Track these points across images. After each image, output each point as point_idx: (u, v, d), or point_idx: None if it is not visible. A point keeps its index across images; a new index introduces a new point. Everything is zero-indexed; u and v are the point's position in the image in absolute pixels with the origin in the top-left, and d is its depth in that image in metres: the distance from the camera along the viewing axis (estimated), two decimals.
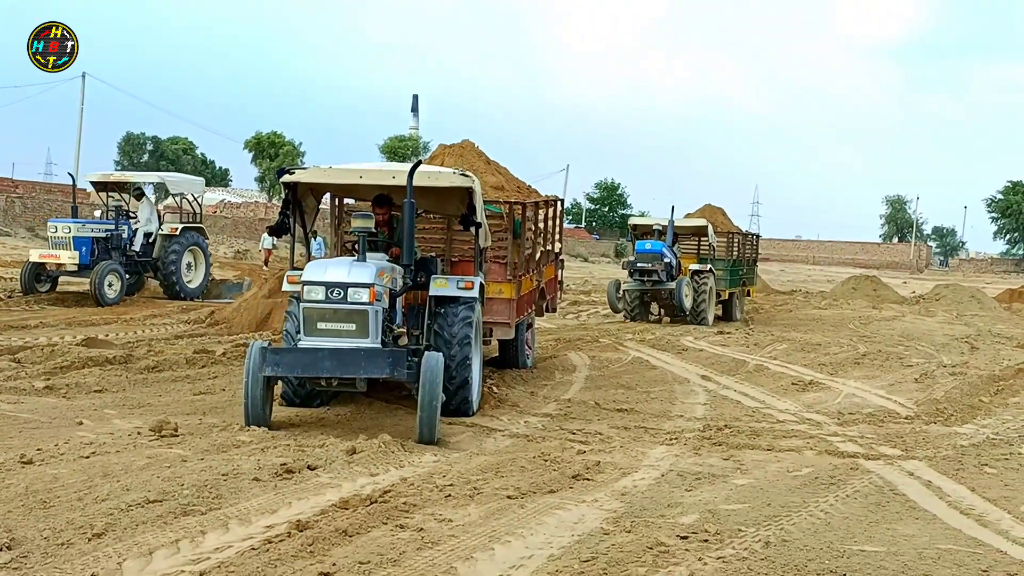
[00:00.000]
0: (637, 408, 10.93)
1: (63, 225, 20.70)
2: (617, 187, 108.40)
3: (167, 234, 22.03)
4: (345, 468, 7.17)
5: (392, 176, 9.71)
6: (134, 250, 21.57)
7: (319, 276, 8.58)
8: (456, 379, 9.66)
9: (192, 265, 22.64)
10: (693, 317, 22.20)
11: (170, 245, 21.91)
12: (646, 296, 22.83)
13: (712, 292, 22.95)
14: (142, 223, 21.93)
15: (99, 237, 20.82)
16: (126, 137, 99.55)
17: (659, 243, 22.33)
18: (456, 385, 9.65)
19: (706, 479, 7.43)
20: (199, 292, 22.57)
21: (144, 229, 21.87)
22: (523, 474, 7.30)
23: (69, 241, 20.25)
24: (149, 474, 6.64)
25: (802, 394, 12.39)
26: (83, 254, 20.22)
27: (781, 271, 69.96)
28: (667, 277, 22.08)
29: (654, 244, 22.30)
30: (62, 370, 10.96)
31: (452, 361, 9.58)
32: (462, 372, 9.70)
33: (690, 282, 22.21)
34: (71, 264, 20.09)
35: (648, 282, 22.15)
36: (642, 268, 22.02)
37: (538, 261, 13.44)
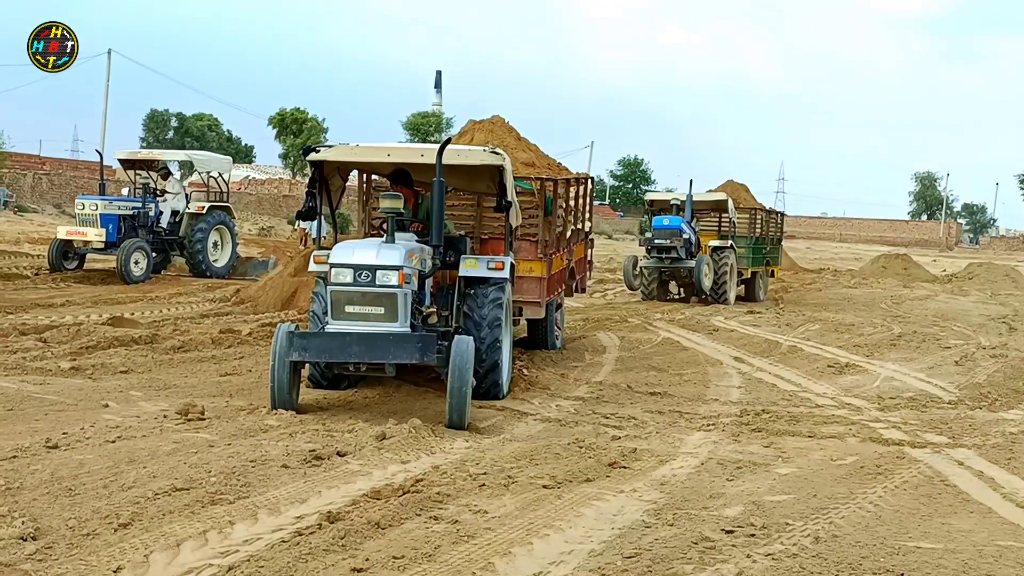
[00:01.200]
0: (670, 391, 10.70)
1: (90, 202, 20.57)
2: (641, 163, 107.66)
3: (194, 213, 21.90)
4: (375, 455, 6.98)
5: (421, 154, 9.49)
6: (161, 227, 21.45)
7: (347, 258, 8.36)
8: (486, 362, 9.44)
9: (219, 244, 22.48)
10: (713, 296, 21.64)
11: (196, 224, 21.77)
12: (664, 274, 22.19)
13: (733, 270, 22.41)
14: (169, 201, 21.81)
15: (126, 215, 20.70)
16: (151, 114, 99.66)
17: (677, 218, 21.67)
18: (486, 368, 9.44)
19: (747, 468, 7.19)
20: (225, 271, 22.41)
21: (171, 207, 21.76)
22: (558, 462, 7.08)
23: (96, 218, 20.13)
24: (176, 460, 6.47)
25: (839, 377, 12.11)
26: (110, 231, 20.09)
27: (807, 248, 69.31)
28: (686, 254, 21.44)
29: (672, 220, 21.63)
30: (88, 350, 10.83)
31: (482, 344, 9.36)
32: (492, 355, 9.49)
33: (710, 260, 21.59)
34: (98, 241, 19.94)
35: (666, 259, 21.54)
36: (660, 245, 21.33)
37: (568, 240, 13.19)
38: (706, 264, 21.34)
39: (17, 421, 7.55)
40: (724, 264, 21.92)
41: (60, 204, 40.64)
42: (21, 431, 7.16)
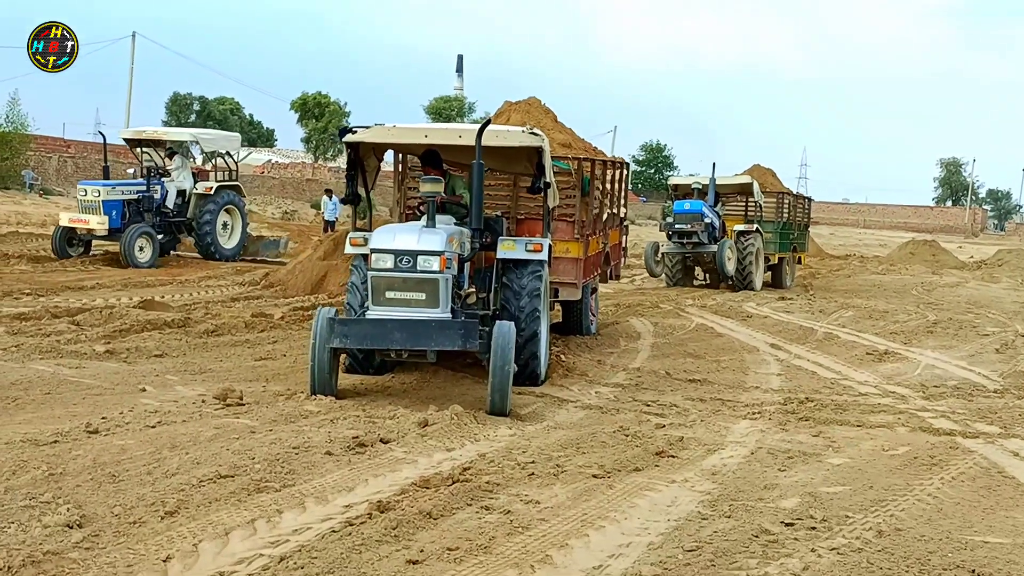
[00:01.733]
0: (709, 378, 10.53)
1: (92, 188, 19.92)
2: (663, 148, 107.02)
3: (201, 193, 21.23)
4: (419, 442, 6.85)
5: (459, 135, 9.33)
6: (168, 208, 20.75)
7: (387, 243, 8.23)
8: (525, 346, 9.29)
9: (228, 225, 21.85)
10: (738, 282, 21.22)
11: (205, 204, 21.07)
12: (688, 260, 21.77)
13: (759, 255, 21.97)
14: (176, 182, 21.13)
15: (130, 199, 20.01)
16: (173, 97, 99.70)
17: (698, 202, 21.14)
18: (525, 351, 9.29)
19: (798, 458, 7.02)
20: (235, 253, 21.76)
21: (177, 187, 21.08)
22: (605, 450, 6.94)
23: (98, 205, 19.47)
24: (218, 446, 6.36)
25: (879, 364, 11.90)
26: (113, 218, 19.48)
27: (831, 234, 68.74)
28: (708, 239, 20.91)
29: (693, 203, 21.10)
30: (121, 333, 10.75)
31: (521, 327, 9.22)
32: (531, 338, 9.34)
33: (733, 244, 21.10)
34: (101, 229, 19.38)
35: (687, 244, 21.10)
36: (680, 230, 20.85)
37: (605, 223, 13.02)
38: (729, 248, 20.86)
39: (55, 405, 7.47)
40: (749, 248, 21.46)
41: None
42: (60, 415, 7.08)
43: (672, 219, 21.23)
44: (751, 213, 23.31)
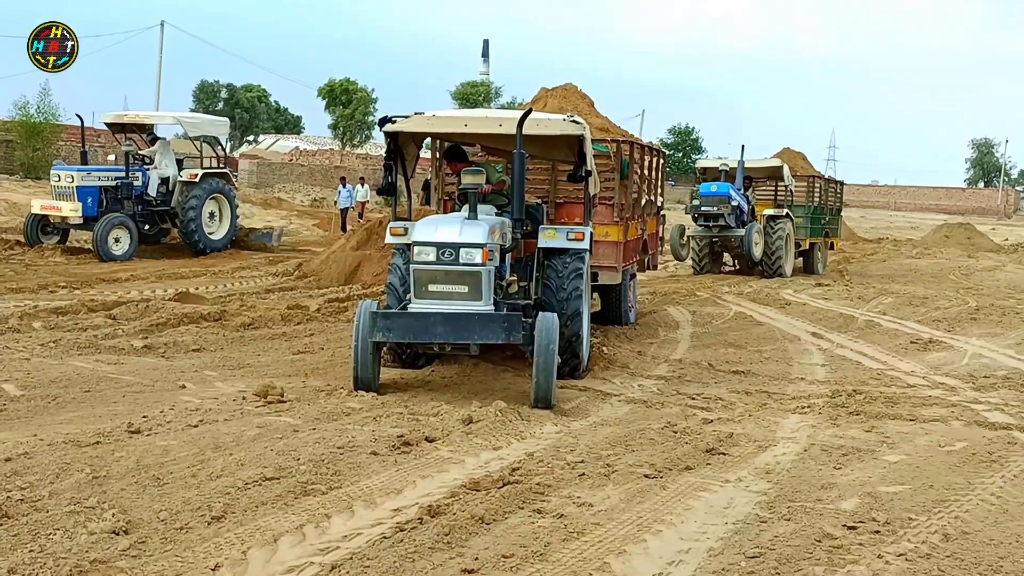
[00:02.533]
0: (753, 370, 10.34)
1: (66, 173, 18.80)
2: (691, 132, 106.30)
3: (186, 181, 19.92)
4: (464, 440, 6.72)
5: (499, 124, 9.16)
6: (150, 196, 19.54)
7: (430, 236, 8.10)
8: (567, 335, 9.14)
9: (216, 215, 20.61)
10: (767, 268, 20.81)
11: (189, 192, 19.78)
12: (715, 244, 21.36)
13: (790, 240, 21.51)
14: (158, 168, 19.90)
15: (108, 186, 18.93)
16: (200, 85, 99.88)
17: (726, 184, 20.60)
18: (566, 340, 9.14)
19: (853, 455, 6.83)
20: (225, 243, 20.68)
21: (159, 175, 19.81)
22: (654, 448, 6.78)
23: (72, 191, 18.40)
24: (261, 446, 6.25)
25: (924, 354, 11.66)
26: (88, 205, 18.42)
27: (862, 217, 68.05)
28: (736, 222, 20.41)
29: (720, 186, 20.56)
30: (158, 328, 10.68)
31: (562, 315, 9.06)
32: (573, 328, 9.18)
33: (761, 229, 20.58)
34: (74, 216, 18.33)
35: (714, 227, 20.62)
36: (707, 212, 20.35)
37: (643, 208, 12.82)
38: (756, 232, 20.37)
39: (96, 403, 7.39)
40: (779, 234, 20.97)
41: None
42: (101, 414, 7.00)
43: (699, 201, 20.80)
44: (781, 197, 22.93)
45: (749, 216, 21.11)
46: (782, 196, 22.89)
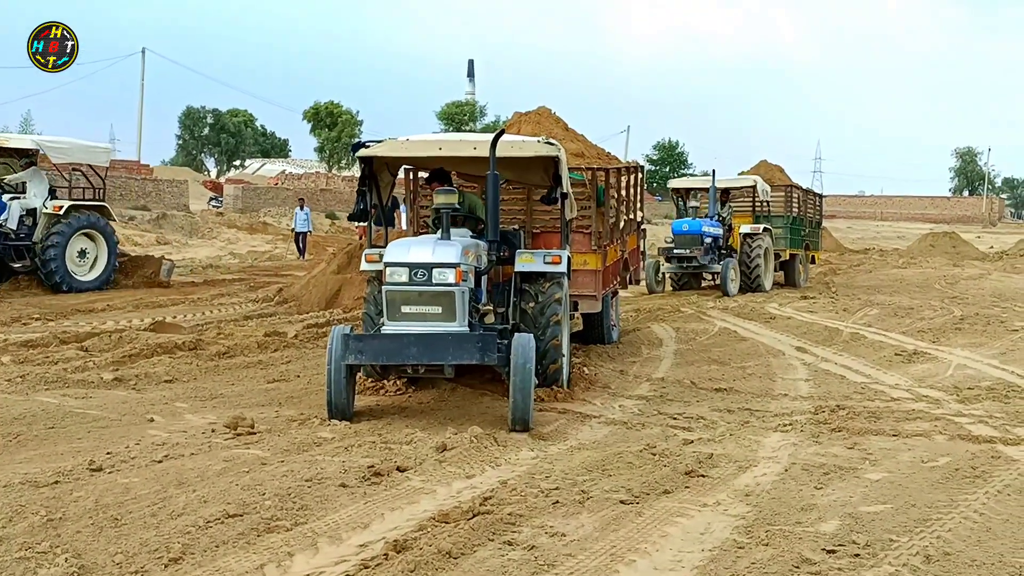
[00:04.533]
0: (736, 387, 10.20)
1: None
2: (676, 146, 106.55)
3: (50, 213, 17.36)
4: (437, 469, 6.56)
5: (473, 147, 9.05)
6: (9, 229, 17.07)
7: (402, 257, 7.98)
8: (546, 358, 9.07)
9: (88, 252, 18.04)
10: (746, 284, 20.72)
11: (52, 226, 17.27)
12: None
13: (769, 254, 21.46)
14: (26, 197, 17.60)
15: None
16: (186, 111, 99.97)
17: (697, 222, 20.58)
18: (547, 364, 9.06)
19: (835, 473, 6.69)
20: (98, 285, 17.95)
21: (25, 205, 17.44)
22: (632, 472, 6.62)
23: None
24: (226, 481, 6.08)
25: (908, 366, 11.54)
26: None
27: (848, 228, 68.33)
28: (711, 258, 20.42)
29: (691, 224, 20.56)
30: (131, 359, 10.50)
31: (541, 340, 8.98)
32: (553, 352, 9.11)
33: (736, 265, 20.48)
34: None
35: (688, 267, 20.71)
36: (679, 255, 20.41)
37: (622, 230, 12.71)
38: (732, 268, 20.29)
39: (59, 440, 7.21)
40: (757, 251, 20.95)
41: None
42: (63, 452, 6.82)
43: (672, 241, 20.75)
44: (758, 210, 22.85)
45: (725, 239, 20.99)
46: (759, 208, 22.79)
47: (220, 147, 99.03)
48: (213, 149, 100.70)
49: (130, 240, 31.76)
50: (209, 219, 43.97)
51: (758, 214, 22.69)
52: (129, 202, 42.35)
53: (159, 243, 32.19)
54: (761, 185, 22.12)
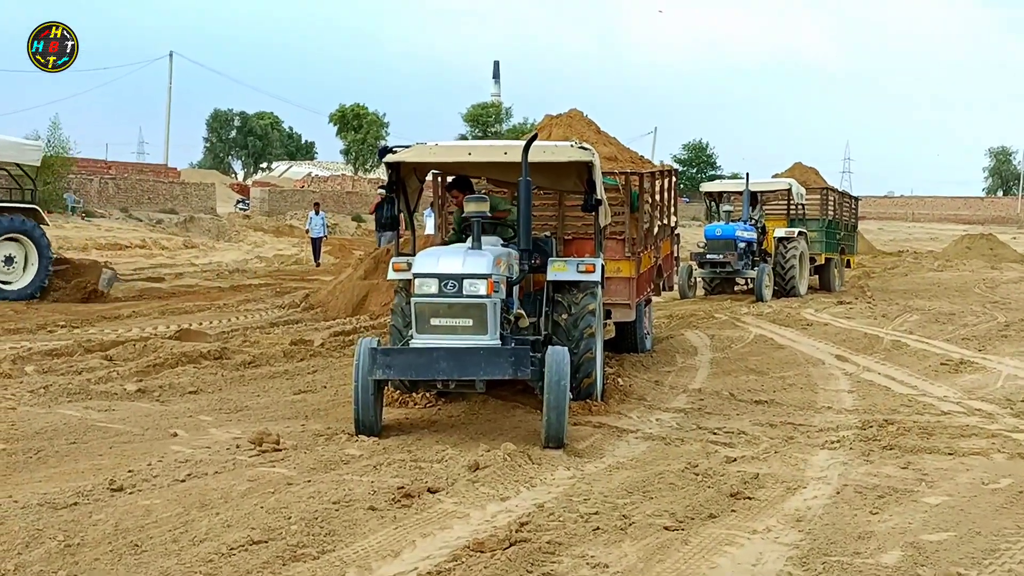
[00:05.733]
0: (776, 399, 9.84)
1: None
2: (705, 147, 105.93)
3: None
4: (470, 489, 6.26)
5: (504, 152, 8.76)
6: None
7: (431, 267, 7.68)
8: (580, 372, 8.75)
9: (15, 259, 16.68)
10: (781, 288, 20.40)
11: None
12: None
13: (804, 258, 21.07)
14: None
15: None
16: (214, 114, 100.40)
17: (730, 227, 20.22)
18: (580, 375, 8.75)
19: (890, 496, 6.33)
20: (30, 294, 16.67)
21: None
22: (675, 494, 6.30)
23: None
24: (251, 503, 5.81)
25: (956, 376, 11.13)
26: None
27: (880, 229, 67.50)
28: (744, 265, 20.09)
29: (725, 229, 20.18)
30: (155, 368, 10.26)
31: (575, 354, 8.66)
32: (586, 363, 8.78)
33: (771, 271, 20.16)
34: None
35: (721, 272, 20.36)
36: (712, 260, 20.06)
37: (656, 236, 12.37)
38: (767, 275, 19.92)
39: (80, 457, 6.97)
40: (792, 252, 20.58)
41: (127, 208, 40.71)
42: (84, 469, 6.57)
43: (704, 246, 20.40)
44: (793, 213, 22.48)
45: (759, 244, 20.61)
46: (794, 212, 22.42)
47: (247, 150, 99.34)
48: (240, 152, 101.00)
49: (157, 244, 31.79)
50: (236, 222, 44.03)
51: (793, 217, 22.34)
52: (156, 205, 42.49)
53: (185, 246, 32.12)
54: (796, 188, 21.78)
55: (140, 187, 42.74)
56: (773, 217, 22.44)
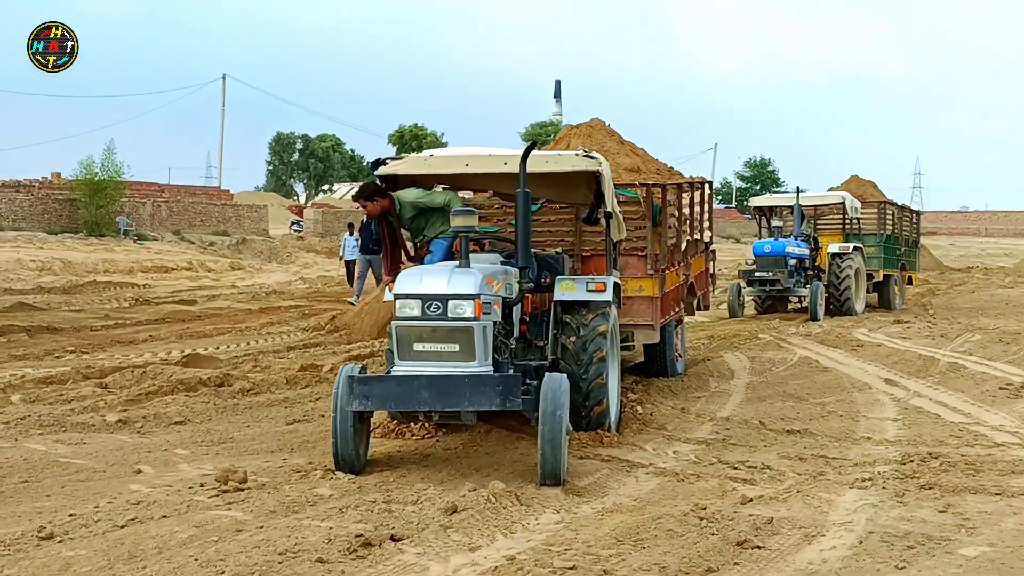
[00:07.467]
0: (811, 428, 8.99)
1: None
2: (768, 163, 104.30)
3: None
4: (439, 537, 5.56)
5: (504, 163, 8.11)
6: None
7: (413, 288, 7.02)
8: (590, 399, 8.04)
9: None
10: (835, 306, 19.42)
11: None
12: None
13: (860, 275, 20.04)
14: None
15: None
16: (276, 137, 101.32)
17: (780, 243, 19.33)
18: (590, 406, 8.04)
19: (921, 546, 5.49)
20: None
21: None
22: (671, 543, 5.52)
23: None
24: (186, 555, 5.17)
25: (1015, 402, 10.14)
26: None
27: (951, 245, 65.41)
28: (796, 282, 19.17)
29: (774, 245, 19.30)
30: (147, 397, 9.73)
31: (584, 379, 7.96)
32: (596, 391, 8.06)
33: (823, 289, 19.20)
34: None
35: (772, 290, 19.44)
36: (761, 277, 19.14)
37: (684, 252, 11.57)
38: (820, 293, 18.97)
39: (25, 498, 6.40)
40: (846, 271, 19.59)
41: (179, 230, 40.81)
42: (22, 513, 6.01)
43: (753, 263, 19.51)
44: (849, 227, 21.49)
45: (812, 260, 19.69)
46: (850, 226, 21.43)
47: (308, 172, 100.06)
48: (302, 174, 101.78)
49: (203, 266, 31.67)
50: (289, 244, 43.96)
51: (848, 232, 21.37)
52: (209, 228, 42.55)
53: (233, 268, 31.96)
54: (850, 202, 20.83)
55: (193, 210, 42.83)
56: (828, 232, 21.52)
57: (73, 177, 39.59)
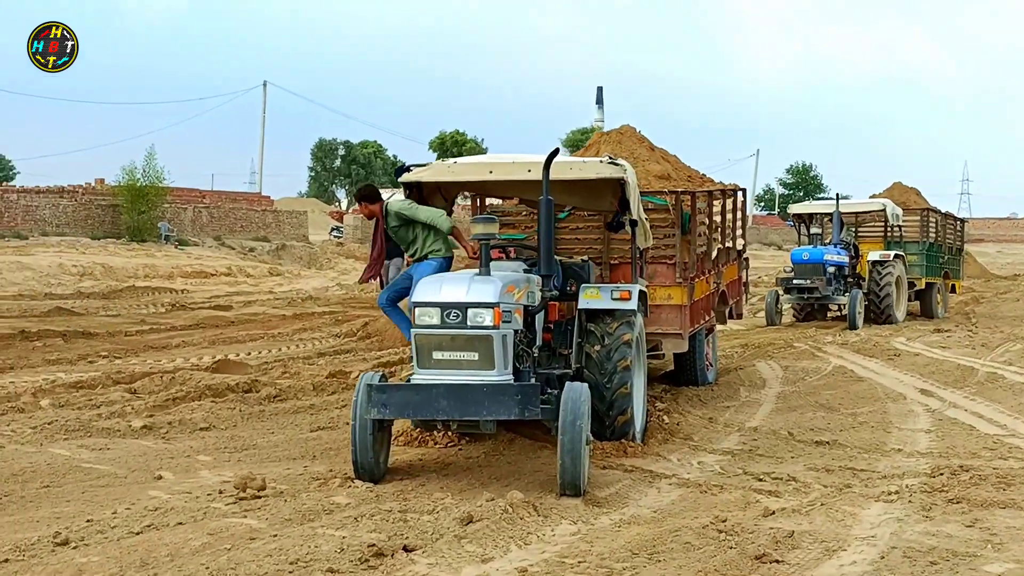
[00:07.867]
0: (841, 439, 8.84)
1: None
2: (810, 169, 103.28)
3: None
4: (452, 547, 5.51)
5: (528, 170, 8.05)
6: None
7: (432, 296, 6.98)
8: (614, 409, 7.97)
9: None
10: (876, 315, 19.18)
11: None
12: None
13: (901, 283, 19.76)
14: None
15: None
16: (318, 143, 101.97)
17: (819, 251, 19.12)
18: (614, 416, 7.97)
19: (945, 563, 5.35)
20: None
21: None
22: (687, 556, 5.44)
23: None
24: (198, 562, 5.17)
25: None
26: None
27: (998, 252, 64.45)
28: (835, 289, 18.94)
29: (813, 252, 19.08)
30: (174, 402, 9.78)
31: (608, 388, 7.90)
32: (620, 400, 7.99)
33: (862, 298, 18.94)
34: None
35: (809, 298, 19.23)
36: (799, 285, 18.91)
37: (715, 260, 11.44)
38: (859, 301, 18.72)
39: (45, 503, 6.45)
40: (887, 279, 19.31)
41: (220, 236, 41.20)
42: (40, 518, 6.04)
43: (791, 271, 19.29)
44: (890, 234, 21.20)
45: (852, 267, 19.43)
46: (891, 234, 21.14)
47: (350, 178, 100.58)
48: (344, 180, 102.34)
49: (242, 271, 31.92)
50: (328, 249, 44.22)
51: (890, 240, 21.09)
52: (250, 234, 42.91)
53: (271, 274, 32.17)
54: (891, 209, 20.54)
55: (233, 216, 43.24)
56: (870, 240, 21.26)
57: (116, 183, 40.11)
